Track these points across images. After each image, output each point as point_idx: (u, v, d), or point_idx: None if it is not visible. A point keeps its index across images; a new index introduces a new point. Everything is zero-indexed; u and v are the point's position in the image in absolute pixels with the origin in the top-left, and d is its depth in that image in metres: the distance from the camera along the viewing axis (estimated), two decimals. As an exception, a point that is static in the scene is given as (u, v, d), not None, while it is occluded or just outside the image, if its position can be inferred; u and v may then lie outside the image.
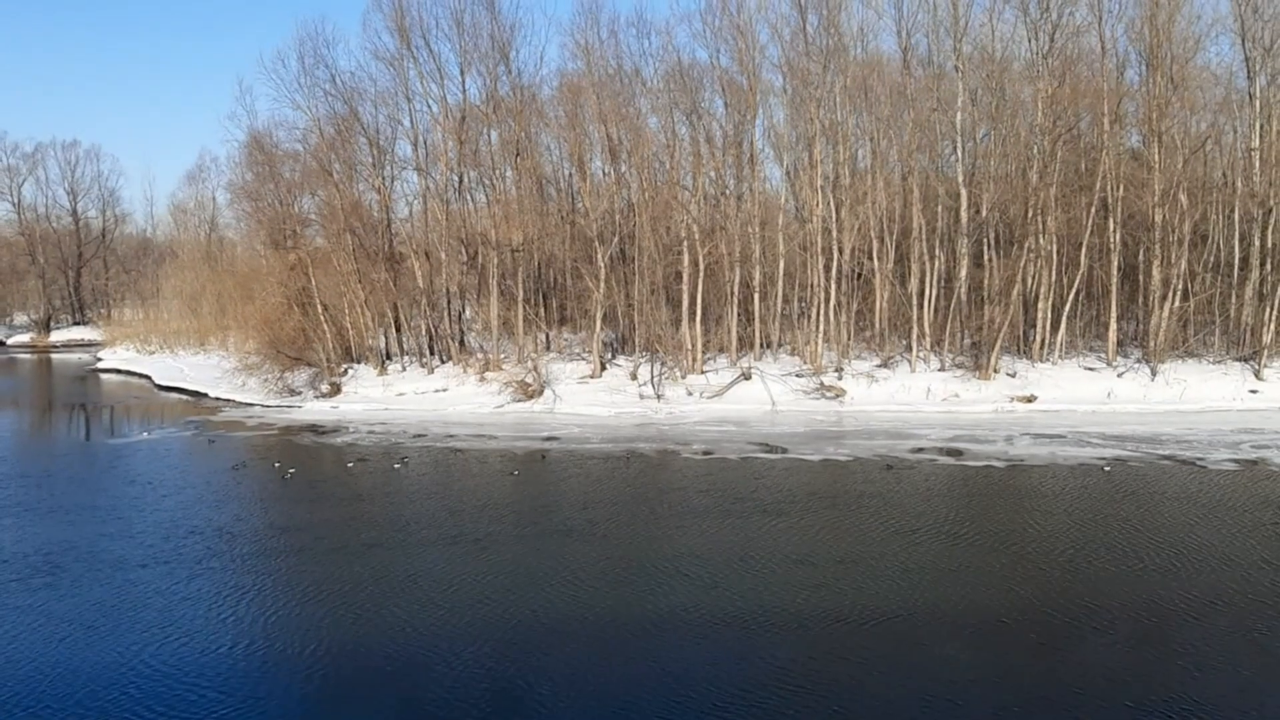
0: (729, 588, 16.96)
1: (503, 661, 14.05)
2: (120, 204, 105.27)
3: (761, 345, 43.96)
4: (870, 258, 42.75)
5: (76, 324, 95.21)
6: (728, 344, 43.84)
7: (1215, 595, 16.25)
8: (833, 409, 38.20)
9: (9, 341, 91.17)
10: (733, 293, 43.31)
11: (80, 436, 39.09)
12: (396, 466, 28.78)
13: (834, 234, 42.48)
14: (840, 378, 40.49)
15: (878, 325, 42.96)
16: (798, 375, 41.22)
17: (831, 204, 42.88)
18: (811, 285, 43.24)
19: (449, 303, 47.00)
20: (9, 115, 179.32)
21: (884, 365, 41.41)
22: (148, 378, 57.01)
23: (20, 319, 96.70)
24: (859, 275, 43.37)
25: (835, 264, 42.50)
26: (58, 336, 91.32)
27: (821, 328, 42.31)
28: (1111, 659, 13.85)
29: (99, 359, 71.12)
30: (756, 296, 43.81)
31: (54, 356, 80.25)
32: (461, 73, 47.85)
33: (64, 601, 16.91)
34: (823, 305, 42.57)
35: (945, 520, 21.66)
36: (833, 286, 42.61)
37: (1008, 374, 39.90)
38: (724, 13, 45.08)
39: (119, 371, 63.12)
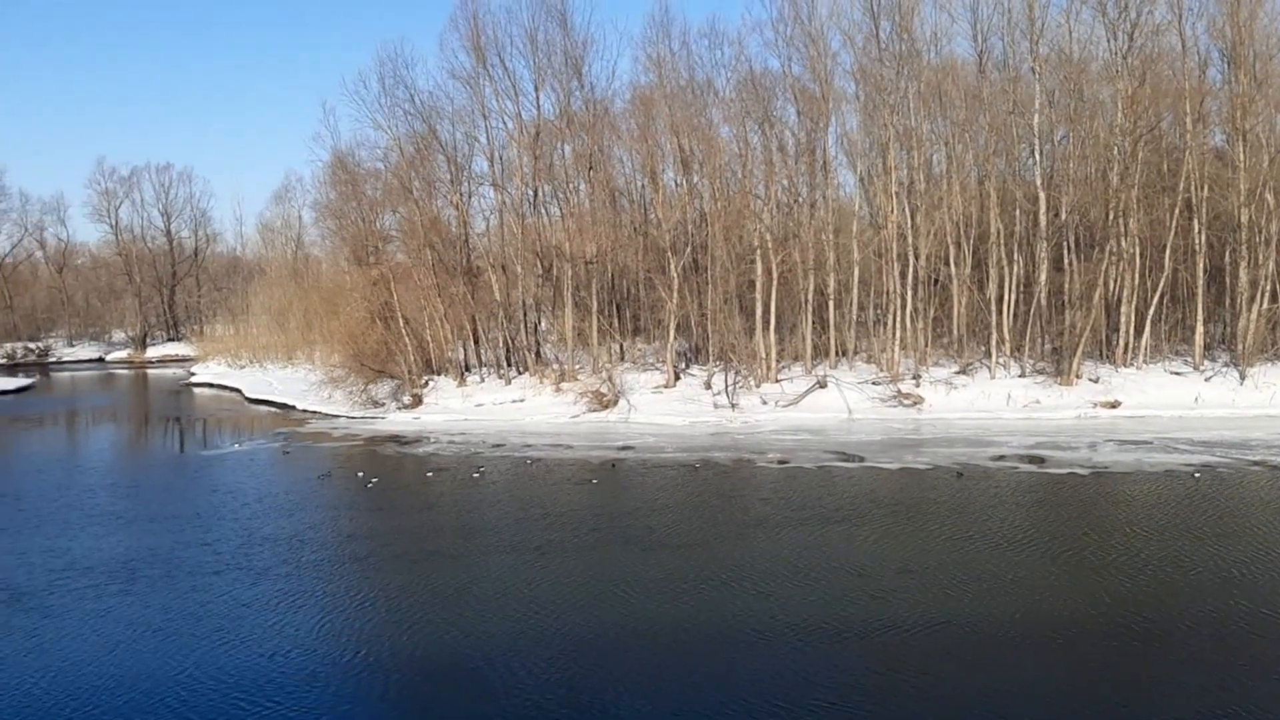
0: (804, 596, 17.01)
1: (571, 669, 14.26)
2: (211, 224, 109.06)
3: (837, 353, 43.76)
4: (947, 263, 42.31)
5: (171, 340, 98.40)
6: (802, 352, 43.72)
7: (1303, 605, 15.81)
8: (910, 417, 37.88)
9: (108, 358, 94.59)
10: (807, 300, 43.21)
11: (174, 448, 40.53)
12: (475, 475, 29.35)
13: (910, 240, 42.15)
14: (918, 385, 40.13)
15: (956, 331, 42.47)
16: (874, 383, 40.95)
17: (907, 210, 42.56)
18: (887, 292, 42.96)
19: (525, 315, 47.72)
20: (108, 141, 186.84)
21: (962, 372, 40.92)
22: (238, 391, 58.77)
23: (118, 336, 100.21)
24: (936, 281, 42.94)
25: (911, 270, 42.15)
26: (153, 353, 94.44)
27: (898, 335, 41.98)
28: (1195, 673, 13.56)
29: (192, 374, 73.47)
30: (831, 304, 43.66)
31: (150, 372, 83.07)
32: (535, 89, 48.73)
33: (136, 607, 17.47)
34: (899, 312, 42.24)
35: (1029, 528, 21.44)
36: (909, 293, 42.26)
37: (1090, 379, 39.13)
38: (796, 21, 45.21)
39: (211, 385, 65.14)
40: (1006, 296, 41.64)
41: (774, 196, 46.40)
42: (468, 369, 47.95)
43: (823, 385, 40.83)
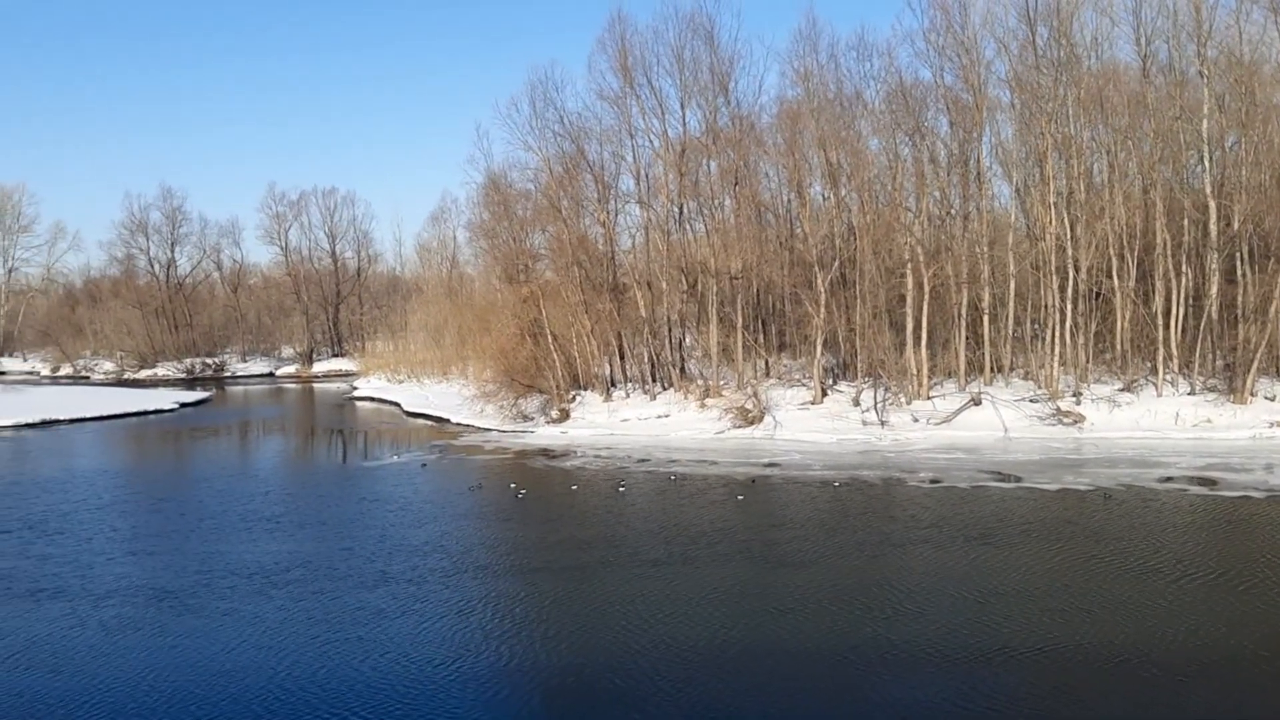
0: (955, 618, 16.51)
1: (713, 686, 14.14)
2: (372, 245, 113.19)
3: (992, 369, 42.38)
4: (1109, 276, 40.49)
5: (335, 356, 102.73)
6: (955, 368, 42.52)
7: None
8: (1070, 435, 36.37)
9: (277, 373, 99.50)
10: (960, 315, 42.03)
11: (337, 459, 42.32)
12: (620, 490, 29.63)
13: (1069, 252, 40.52)
14: (1078, 402, 38.49)
15: (1119, 347, 40.56)
16: (1031, 400, 39.48)
17: (1066, 221, 40.95)
18: (1045, 306, 41.38)
19: (670, 331, 47.98)
20: (278, 168, 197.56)
21: (1126, 389, 39.03)
22: (397, 405, 60.89)
23: (287, 352, 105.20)
24: (1097, 294, 41.13)
25: (1071, 283, 40.49)
26: (319, 368, 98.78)
27: (1057, 350, 40.38)
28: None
29: (354, 388, 76.47)
30: (986, 319, 42.33)
31: (315, 386, 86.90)
32: (682, 106, 49.10)
33: (279, 610, 18.07)
34: (1058, 327, 40.62)
35: (1200, 555, 20.35)
36: (1069, 307, 40.60)
37: (1266, 397, 36.76)
38: (948, 30, 44.19)
39: (372, 399, 67.67)
40: (1174, 310, 39.54)
41: (925, 209, 45.39)
42: (613, 384, 48.49)
43: (977, 402, 39.60)
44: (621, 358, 49.28)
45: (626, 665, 14.97)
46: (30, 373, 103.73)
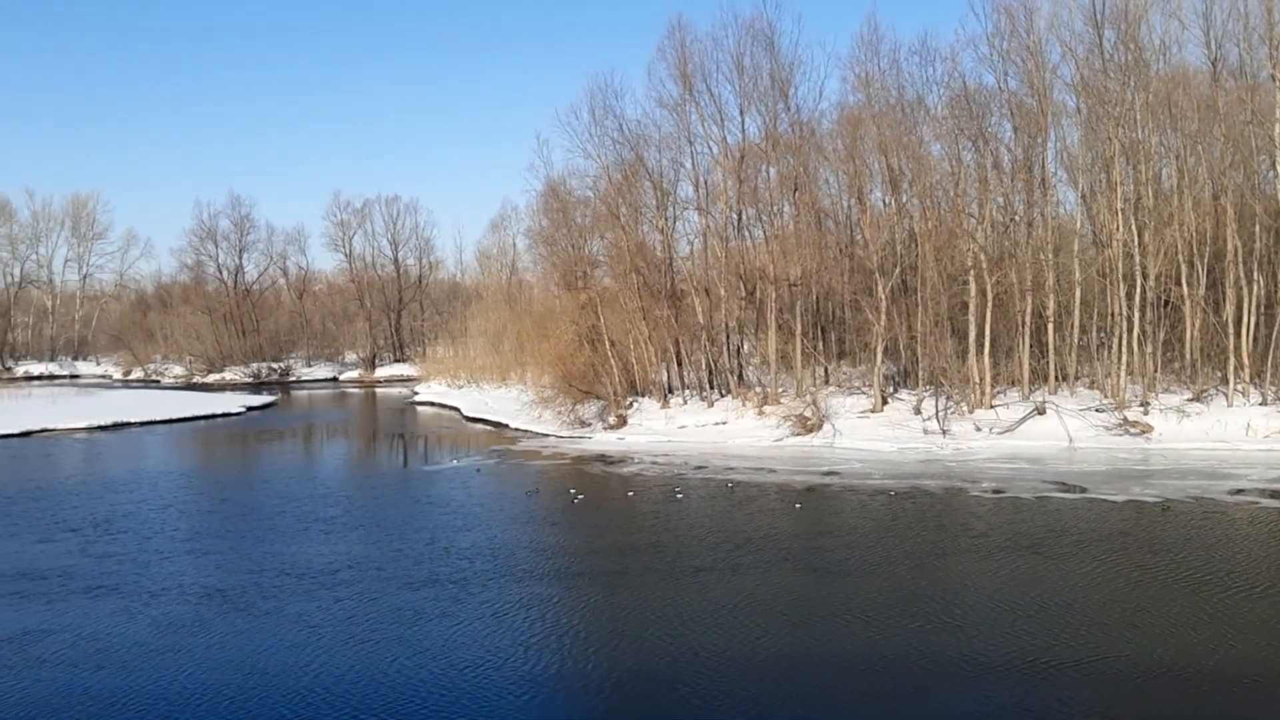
0: (1019, 631, 16.20)
1: (758, 695, 14.01)
2: (434, 252, 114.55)
3: (1056, 378, 41.64)
4: (1178, 283, 39.57)
5: (397, 361, 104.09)
6: (1019, 377, 41.85)
7: None
8: (1137, 446, 35.59)
9: (341, 377, 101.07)
10: (1024, 323, 41.36)
11: (398, 463, 42.85)
12: (678, 496, 29.60)
13: (1137, 259, 39.69)
14: (1146, 412, 37.65)
15: (1188, 356, 39.61)
16: (1097, 410, 38.70)
17: (1133, 227, 40.11)
18: (1112, 314, 40.55)
19: (728, 337, 47.86)
20: (343, 176, 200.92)
21: (1196, 399, 38.09)
22: (457, 410, 61.50)
23: (350, 357, 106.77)
24: (1166, 302, 40.22)
25: (1139, 290, 39.64)
26: (381, 373, 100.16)
27: (1124, 359, 39.54)
28: None
29: (415, 393, 77.35)
30: (1050, 326, 41.61)
31: (378, 391, 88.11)
32: (741, 113, 48.98)
33: (323, 611, 18.28)
34: (1125, 335, 39.79)
35: (1276, 571, 19.71)
36: (1136, 315, 39.74)
37: (1346, 409, 35.64)
38: (1013, 34, 43.56)
39: (432, 404, 68.42)
40: (1246, 319, 38.49)
41: (988, 215, 44.77)
42: (671, 391, 48.47)
43: (1041, 412, 38.93)
44: (679, 364, 49.26)
45: (667, 673, 14.93)
46: (103, 376, 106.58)
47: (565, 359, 48.53)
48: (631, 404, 47.04)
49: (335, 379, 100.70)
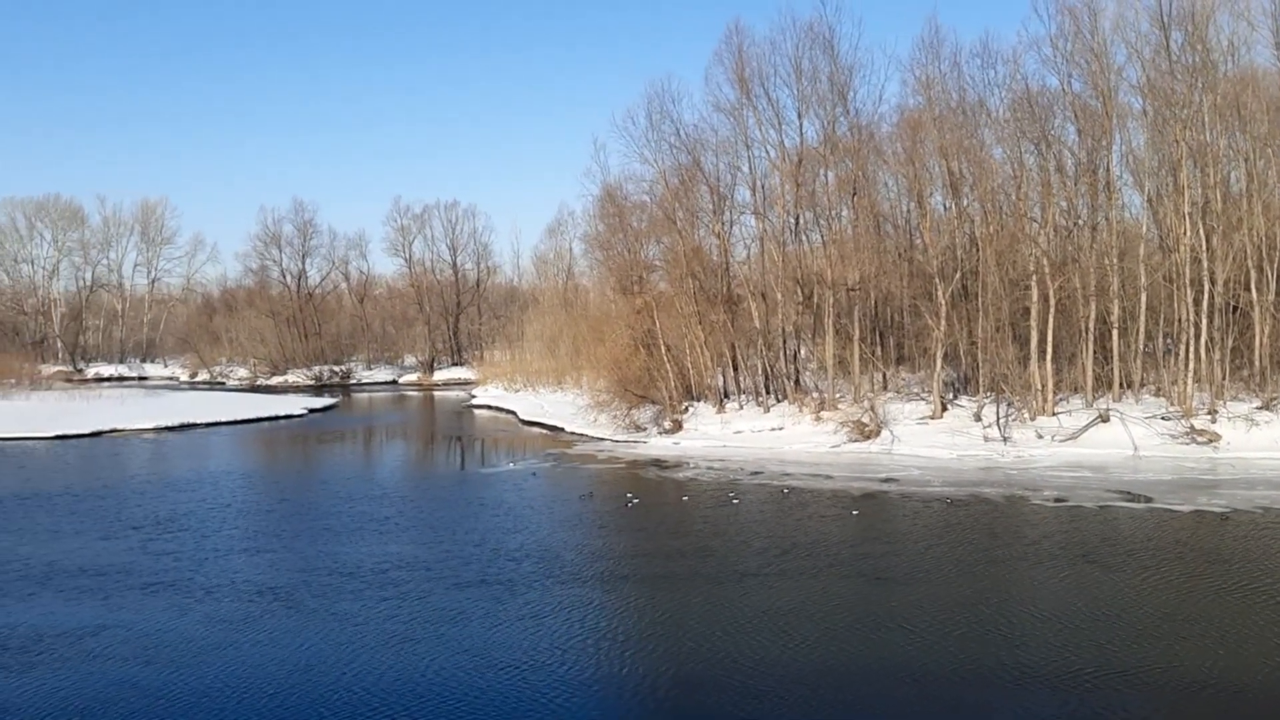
0: (1083, 642, 15.86)
1: (807, 703, 13.89)
2: (491, 257, 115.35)
3: (1121, 385, 40.77)
4: (1247, 289, 38.58)
5: (454, 365, 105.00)
6: (1082, 384, 41.03)
7: None
8: (1204, 455, 34.75)
9: (400, 380, 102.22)
10: (1087, 329, 40.57)
11: (455, 465, 43.19)
12: (734, 501, 29.47)
13: (1204, 264, 38.76)
14: (1213, 421, 36.74)
15: (1258, 363, 38.58)
16: (1163, 418, 37.84)
17: (1201, 231, 39.17)
18: (1179, 320, 39.63)
19: (785, 342, 47.59)
20: (403, 182, 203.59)
21: (1265, 407, 37.07)
22: (513, 413, 61.84)
23: (409, 360, 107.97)
24: (1234, 308, 39.22)
25: (1206, 296, 38.70)
26: (440, 376, 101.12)
27: (1191, 366, 38.62)
28: None
29: (473, 396, 77.96)
30: (1114, 332, 40.77)
31: (436, 394, 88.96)
32: (799, 117, 48.71)
33: (368, 609, 18.51)
34: (1192, 341, 38.86)
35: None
36: (1204, 321, 38.80)
37: None
38: (1076, 36, 42.76)
39: (489, 407, 68.87)
40: (1320, 325, 37.42)
41: (1051, 219, 44.01)
42: (726, 396, 48.31)
43: (1105, 419, 38.17)
44: (735, 369, 49.09)
45: (703, 678, 14.87)
46: (170, 378, 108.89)
47: (621, 363, 48.61)
48: (687, 409, 46.97)
49: (394, 382, 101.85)
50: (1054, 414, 39.67)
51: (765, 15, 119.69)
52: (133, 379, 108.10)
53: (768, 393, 47.30)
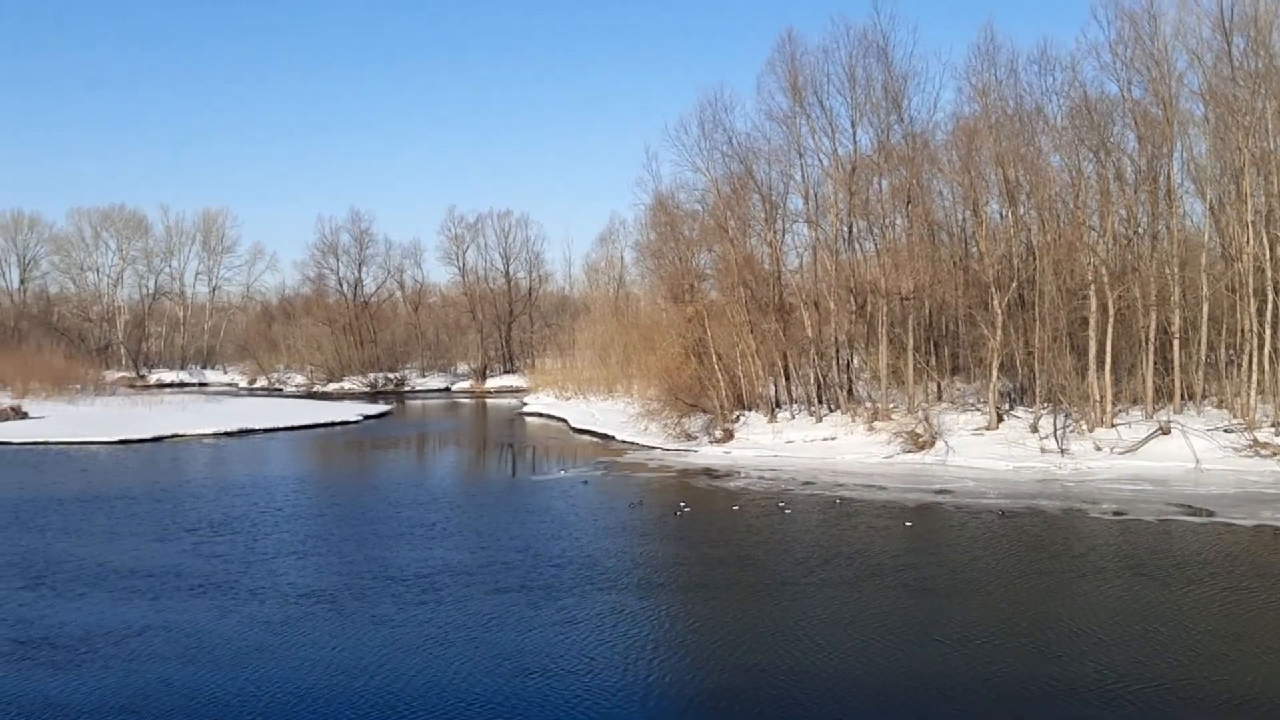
0: (1145, 659, 15.59)
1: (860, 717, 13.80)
2: (543, 265, 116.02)
3: (1182, 397, 39.93)
4: (1314, 298, 37.62)
5: (506, 372, 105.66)
6: (1142, 395, 40.26)
7: None
8: (1269, 469, 33.88)
9: (453, 388, 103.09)
10: (1148, 339, 39.82)
11: (502, 472, 43.50)
12: (786, 512, 29.31)
13: (1269, 273, 37.85)
14: (1277, 434, 35.84)
15: (1325, 375, 37.59)
16: (1226, 431, 36.98)
17: (1265, 240, 38.29)
18: (1242, 330, 38.74)
19: (837, 352, 47.28)
20: (457, 191, 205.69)
21: (1334, 421, 36.13)
22: (564, 421, 62.07)
23: (462, 368, 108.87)
24: (1301, 318, 38.25)
25: (1270, 306, 37.80)
26: (492, 384, 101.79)
27: (1254, 377, 37.72)
28: None
29: (524, 403, 78.35)
30: (1175, 343, 39.97)
31: (488, 401, 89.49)
32: (853, 125, 48.48)
33: (405, 613, 18.76)
34: (1256, 352, 37.96)
35: None
36: (1268, 331, 37.90)
37: None
38: (1136, 42, 42.06)
39: (541, 415, 69.15)
40: (1392, 336, 36.38)
41: (1110, 228, 43.28)
42: (778, 405, 48.10)
43: (1165, 431, 37.42)
44: (787, 378, 48.88)
45: (736, 689, 14.84)
46: (230, 384, 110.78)
47: (671, 372, 48.61)
48: (738, 418, 46.84)
49: (447, 389, 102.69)
50: (1113, 426, 38.98)
51: (817, 24, 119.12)
52: (193, 385, 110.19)
53: (820, 402, 47.02)
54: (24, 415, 59.60)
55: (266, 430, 58.14)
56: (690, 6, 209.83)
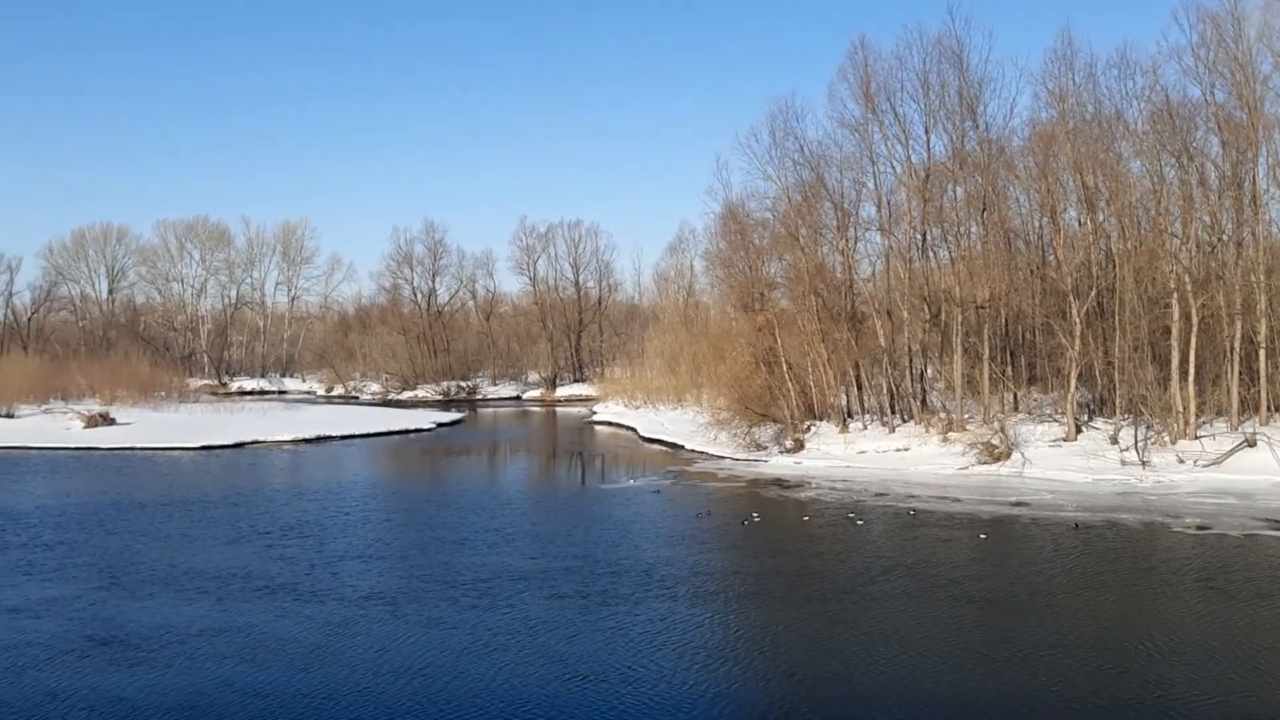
0: (1215, 680, 15.17)
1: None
2: (613, 275, 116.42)
3: (1269, 408, 38.68)
4: None
5: (576, 381, 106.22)
6: (1226, 406, 39.09)
7: None
8: (1362, 483, 32.74)
9: (523, 396, 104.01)
10: (1233, 349, 38.68)
11: (575, 481, 43.69)
12: (859, 523, 28.98)
13: (1362, 281, 36.60)
14: (1374, 447, 34.60)
15: None
16: (1317, 443, 35.78)
17: (1359, 246, 37.02)
18: (1333, 340, 37.48)
19: (910, 361, 46.72)
20: (528, 201, 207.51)
21: None
22: (633, 430, 62.16)
23: (532, 377, 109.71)
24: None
25: (1365, 315, 36.53)
26: (562, 392, 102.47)
27: (1347, 389, 36.45)
28: None
29: (593, 412, 78.61)
30: (1262, 353, 38.74)
31: (558, 410, 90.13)
32: (926, 132, 47.89)
33: (458, 616, 19.01)
34: (1348, 363, 36.69)
35: None
36: (1361, 341, 36.60)
37: None
38: (1219, 45, 40.92)
39: (610, 424, 69.40)
40: None
41: (1193, 235, 42.14)
42: (850, 415, 47.65)
43: (1251, 444, 36.30)
44: (859, 388, 48.42)
45: (786, 700, 14.74)
46: (307, 392, 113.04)
47: (741, 381, 48.42)
48: (809, 428, 46.49)
49: (518, 398, 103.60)
50: (1196, 437, 37.93)
51: (890, 30, 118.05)
52: (273, 393, 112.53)
53: (893, 412, 46.48)
54: (112, 421, 61.42)
55: (342, 437, 59.23)
56: (761, 15, 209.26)
